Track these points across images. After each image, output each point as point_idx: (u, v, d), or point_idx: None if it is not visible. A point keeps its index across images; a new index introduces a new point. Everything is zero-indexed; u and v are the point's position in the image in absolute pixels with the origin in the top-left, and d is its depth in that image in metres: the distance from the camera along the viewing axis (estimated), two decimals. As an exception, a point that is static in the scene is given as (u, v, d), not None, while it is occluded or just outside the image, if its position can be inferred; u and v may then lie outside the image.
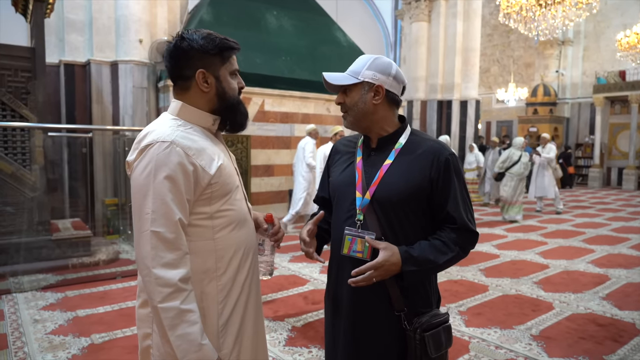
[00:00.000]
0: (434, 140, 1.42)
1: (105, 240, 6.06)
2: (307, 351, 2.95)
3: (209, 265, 1.27)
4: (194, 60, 1.28)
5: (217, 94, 1.32)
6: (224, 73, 1.32)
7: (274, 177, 7.66)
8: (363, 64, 1.37)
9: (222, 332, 1.29)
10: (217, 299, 1.28)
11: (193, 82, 1.30)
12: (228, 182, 1.30)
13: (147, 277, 1.16)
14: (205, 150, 1.26)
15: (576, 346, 3.06)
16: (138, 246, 1.19)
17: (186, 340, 1.15)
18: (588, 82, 16.50)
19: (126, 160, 1.28)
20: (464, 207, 1.36)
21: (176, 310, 1.14)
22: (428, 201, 1.36)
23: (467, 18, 11.18)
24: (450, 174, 1.35)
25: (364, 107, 1.38)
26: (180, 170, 1.19)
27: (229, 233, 1.30)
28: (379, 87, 1.37)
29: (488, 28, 18.28)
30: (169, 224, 1.17)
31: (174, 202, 1.18)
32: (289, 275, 4.72)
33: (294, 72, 7.85)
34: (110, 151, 6.91)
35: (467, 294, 4.15)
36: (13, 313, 3.58)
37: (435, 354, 1.32)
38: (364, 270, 1.27)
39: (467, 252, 1.39)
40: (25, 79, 4.85)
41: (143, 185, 1.19)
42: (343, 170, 1.47)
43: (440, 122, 11.48)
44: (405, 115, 1.79)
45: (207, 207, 1.26)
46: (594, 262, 5.32)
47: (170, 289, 1.14)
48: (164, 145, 1.19)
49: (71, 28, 6.83)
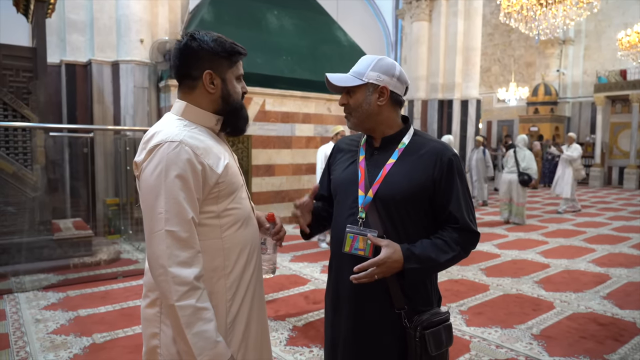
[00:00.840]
0: (436, 141, 1.43)
1: (107, 240, 6.08)
2: (307, 350, 2.96)
3: (217, 264, 1.28)
4: (203, 61, 1.30)
5: (222, 95, 1.33)
6: (230, 76, 1.34)
7: (275, 176, 7.66)
8: (367, 65, 1.37)
9: (229, 329, 1.30)
10: (225, 296, 1.29)
11: (200, 82, 1.31)
12: (234, 181, 1.32)
13: (162, 277, 1.17)
14: (212, 150, 1.28)
15: (577, 345, 3.06)
16: (151, 246, 1.19)
17: (202, 337, 1.16)
18: (589, 82, 16.48)
19: (134, 161, 1.28)
20: (466, 207, 1.37)
21: (192, 308, 1.16)
22: (430, 201, 1.37)
23: (468, 17, 11.17)
24: (453, 175, 1.36)
25: (368, 109, 1.38)
26: (190, 169, 1.20)
27: (236, 231, 1.32)
28: (383, 88, 1.37)
29: (489, 27, 18.26)
30: (183, 223, 1.18)
31: (186, 201, 1.19)
32: (290, 274, 4.73)
33: (295, 72, 7.84)
34: (111, 151, 6.91)
35: (468, 293, 4.16)
36: (15, 313, 3.59)
37: (435, 352, 1.32)
38: (367, 266, 1.28)
39: (468, 252, 1.40)
40: (26, 79, 4.86)
41: (154, 186, 1.19)
42: (345, 169, 1.48)
43: (441, 122, 11.47)
44: (407, 115, 1.80)
45: (215, 206, 1.28)
46: (595, 262, 5.32)
47: (186, 287, 1.16)
48: (173, 144, 1.20)
49: (72, 28, 6.84)
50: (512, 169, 7.92)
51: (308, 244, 6.09)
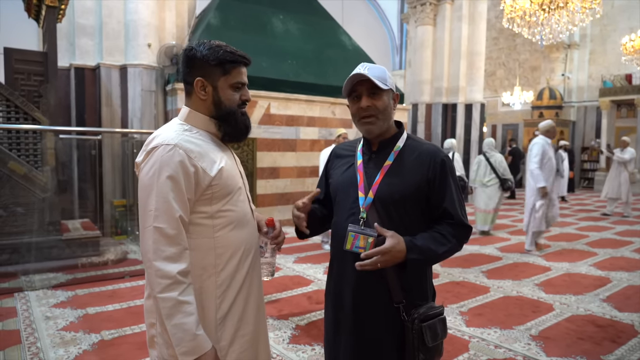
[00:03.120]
0: (429, 144, 1.53)
1: (114, 241, 6.17)
2: (310, 349, 3.03)
3: (208, 262, 1.35)
4: (194, 69, 1.38)
5: (213, 102, 1.40)
6: (223, 84, 1.39)
7: (280, 179, 7.75)
8: (383, 71, 1.47)
9: (220, 325, 1.37)
10: (215, 294, 1.36)
11: (193, 89, 1.39)
12: (229, 183, 1.38)
13: (149, 270, 1.26)
14: (207, 153, 1.35)
15: (574, 346, 3.12)
16: (142, 241, 1.29)
17: (181, 329, 1.23)
18: (594, 86, 16.45)
19: (135, 161, 1.38)
20: (459, 204, 1.48)
21: (174, 301, 1.23)
22: (426, 199, 1.46)
23: (472, 22, 11.23)
24: (446, 174, 1.46)
25: (390, 113, 1.49)
26: (181, 171, 1.28)
27: (229, 232, 1.38)
28: (396, 95, 1.52)
29: (494, 31, 18.29)
30: (171, 221, 1.26)
31: (175, 201, 1.27)
32: (294, 275, 4.80)
33: (300, 76, 7.93)
34: (119, 153, 7.03)
35: (469, 295, 4.21)
36: (25, 310, 3.69)
37: (432, 343, 1.41)
38: (372, 254, 1.35)
39: (461, 245, 1.49)
40: (37, 82, 4.98)
41: (148, 185, 1.28)
42: (344, 172, 1.56)
43: (445, 125, 11.51)
44: (409, 119, 1.90)
45: (208, 206, 1.35)
46: (596, 265, 5.35)
47: (169, 281, 1.23)
48: (168, 147, 1.29)
49: (82, 32, 6.98)
50: (491, 178, 7.08)
51: (311, 245, 6.16)
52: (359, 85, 1.45)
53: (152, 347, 1.39)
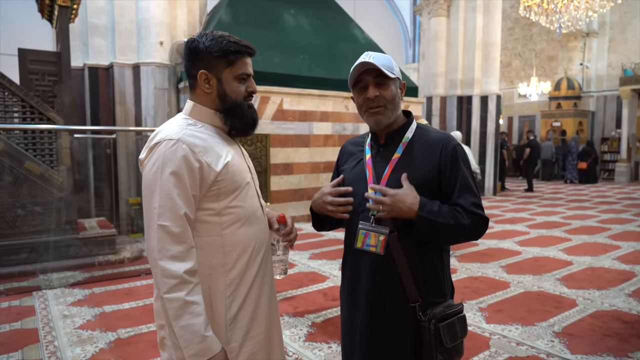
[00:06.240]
0: (440, 132, 1.47)
1: (130, 239, 6.21)
2: (326, 346, 2.98)
3: (216, 261, 1.30)
4: (198, 61, 1.32)
5: (218, 95, 1.34)
6: (227, 76, 1.33)
7: (293, 175, 7.71)
8: (389, 59, 1.40)
9: (230, 325, 1.31)
10: (224, 293, 1.31)
11: (197, 81, 1.34)
12: (236, 179, 1.32)
13: (154, 269, 1.21)
14: (212, 148, 1.29)
15: (600, 343, 3.01)
16: (147, 239, 1.24)
17: (189, 330, 1.19)
18: (614, 75, 16.05)
19: (139, 158, 1.33)
20: (472, 192, 1.39)
21: (181, 302, 1.18)
22: (438, 190, 1.38)
23: (487, 12, 11.02)
24: (457, 162, 1.38)
25: (398, 102, 1.42)
26: (185, 166, 1.22)
27: (238, 229, 1.33)
28: (403, 84, 1.45)
29: (509, 21, 17.96)
30: (175, 218, 1.20)
31: (179, 197, 1.21)
32: (309, 272, 4.76)
33: (312, 71, 7.87)
34: (133, 151, 7.07)
35: (488, 290, 4.12)
36: (43, 309, 3.72)
37: (450, 344, 1.33)
38: (379, 189, 1.31)
39: (477, 233, 1.38)
40: (51, 82, 5.02)
41: (151, 181, 1.24)
42: (353, 168, 1.50)
43: (460, 118, 11.33)
44: (423, 113, 1.82)
45: (215, 203, 1.29)
46: (620, 259, 5.20)
47: (176, 281, 1.18)
48: (170, 142, 1.24)
49: (94, 32, 7.02)
50: None
51: (326, 242, 6.11)
52: (365, 75, 1.38)
53: (163, 349, 1.34)
